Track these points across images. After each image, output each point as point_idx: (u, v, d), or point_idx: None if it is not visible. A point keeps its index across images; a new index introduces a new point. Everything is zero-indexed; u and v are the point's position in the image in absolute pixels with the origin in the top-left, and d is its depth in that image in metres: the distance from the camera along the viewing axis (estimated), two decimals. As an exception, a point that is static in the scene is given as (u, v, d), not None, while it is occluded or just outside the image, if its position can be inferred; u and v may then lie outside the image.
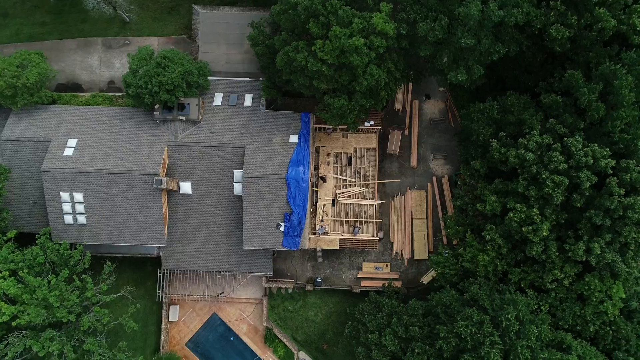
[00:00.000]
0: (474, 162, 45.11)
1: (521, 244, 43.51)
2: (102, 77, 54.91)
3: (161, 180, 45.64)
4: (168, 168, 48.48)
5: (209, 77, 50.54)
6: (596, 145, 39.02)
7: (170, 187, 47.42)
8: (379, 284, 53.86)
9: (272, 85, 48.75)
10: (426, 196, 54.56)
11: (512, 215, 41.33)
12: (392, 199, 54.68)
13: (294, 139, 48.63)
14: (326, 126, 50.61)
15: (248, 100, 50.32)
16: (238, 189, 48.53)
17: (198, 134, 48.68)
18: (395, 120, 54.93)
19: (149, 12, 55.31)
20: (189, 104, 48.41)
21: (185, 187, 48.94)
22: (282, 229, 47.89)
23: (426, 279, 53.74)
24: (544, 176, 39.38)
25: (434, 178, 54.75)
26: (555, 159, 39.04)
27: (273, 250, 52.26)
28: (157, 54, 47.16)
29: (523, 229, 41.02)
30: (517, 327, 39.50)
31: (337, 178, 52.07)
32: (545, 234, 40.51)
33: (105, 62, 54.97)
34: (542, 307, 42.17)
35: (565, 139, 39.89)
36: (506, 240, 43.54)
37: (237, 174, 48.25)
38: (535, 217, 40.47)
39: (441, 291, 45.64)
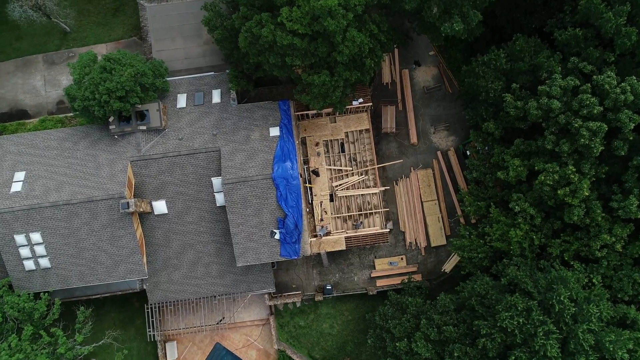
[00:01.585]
0: (486, 124, 37.70)
1: (556, 210, 36.16)
2: (49, 99, 47.09)
3: (128, 202, 37.94)
4: (135, 188, 40.81)
5: (168, 78, 43.06)
6: (634, 78, 31.72)
7: (142, 209, 39.77)
8: (396, 280, 46.43)
9: (240, 74, 41.22)
10: (433, 174, 47.21)
11: (542, 178, 33.97)
12: (396, 184, 47.30)
13: (274, 131, 41.10)
14: (309, 112, 43.13)
15: (216, 96, 42.74)
16: (220, 199, 40.95)
17: (164, 144, 41.04)
18: (386, 95, 47.51)
19: (91, 17, 47.56)
20: (147, 110, 40.72)
21: (159, 206, 41.28)
22: (277, 236, 40.35)
23: (449, 266, 46.37)
24: (576, 125, 32.05)
25: (439, 153, 47.40)
26: (588, 102, 31.72)
27: (272, 263, 44.72)
28: (101, 58, 39.48)
29: (558, 192, 33.68)
30: (573, 309, 32.16)
31: (331, 169, 44.62)
32: (585, 193, 33.18)
33: (50, 80, 47.16)
34: (594, 280, 34.81)
35: (594, 77, 32.59)
36: (538, 209, 36.20)
37: (216, 182, 40.66)
38: (572, 176, 33.12)
39: (471, 279, 38.21)
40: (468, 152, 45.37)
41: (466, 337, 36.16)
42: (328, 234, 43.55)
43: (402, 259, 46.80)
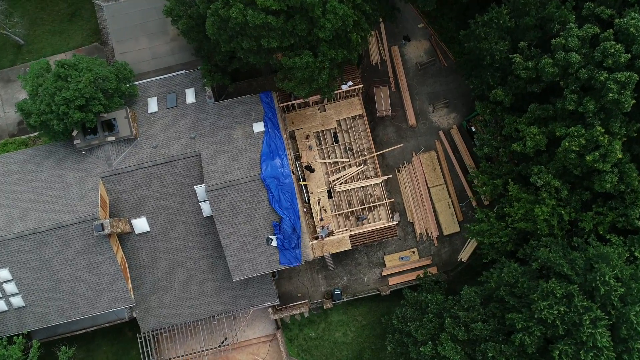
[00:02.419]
0: (493, 92, 32.94)
1: (583, 179, 31.58)
2: (8, 120, 42.13)
3: (103, 224, 33.02)
4: (111, 206, 35.91)
5: (136, 82, 38.25)
6: (662, 16, 27.25)
7: (120, 230, 34.91)
8: (410, 277, 41.74)
9: (213, 68, 36.38)
10: (437, 156, 42.53)
11: (566, 144, 29.30)
12: (399, 171, 42.60)
13: (258, 127, 36.30)
14: (295, 101, 38.31)
15: (190, 96, 37.88)
16: (206, 208, 36.11)
17: (138, 154, 36.15)
18: (377, 76, 42.72)
19: (45, 25, 42.64)
20: (115, 119, 35.80)
21: (140, 224, 36.40)
22: (274, 243, 35.55)
23: (465, 255, 41.68)
24: (601, 79, 27.41)
25: (441, 133, 42.73)
26: (612, 50, 27.07)
27: (273, 273, 39.99)
28: (54, 66, 34.56)
29: (586, 158, 29.04)
30: (621, 289, 27.55)
31: (325, 163, 39.86)
32: (618, 156, 28.58)
33: (8, 100, 42.18)
34: (636, 254, 30.18)
35: (615, 21, 27.96)
36: (563, 181, 31.63)
37: (200, 190, 35.81)
38: (601, 138, 28.48)
39: (496, 267, 33.49)
40: (473, 129, 40.71)
41: (498, 334, 31.49)
42: (330, 234, 38.81)
43: (413, 252, 42.11)
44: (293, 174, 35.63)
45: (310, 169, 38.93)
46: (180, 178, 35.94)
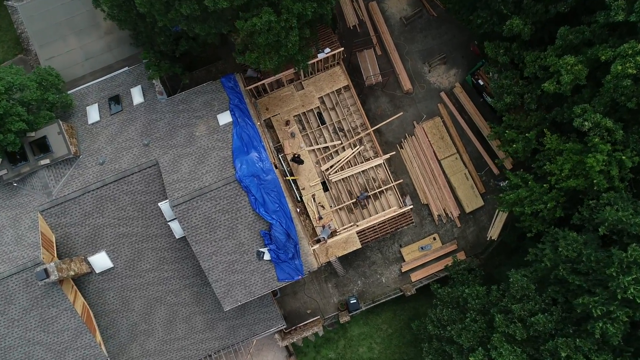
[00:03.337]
0: (508, 23, 25.39)
1: (638, 113, 24.42)
2: None
3: (46, 269, 25.35)
4: (58, 245, 28.28)
5: (70, 90, 30.71)
6: None
7: (74, 272, 27.31)
8: (436, 268, 34.41)
9: (158, 55, 28.85)
10: (443, 122, 35.22)
11: (618, 67, 21.97)
12: (401, 147, 35.26)
13: (225, 118, 28.77)
14: (265, 80, 30.71)
15: (137, 95, 30.30)
16: (177, 228, 28.55)
17: (82, 176, 28.51)
18: (357, 40, 35.41)
19: (-44, 43, 34.97)
20: (46, 137, 28.12)
21: (100, 260, 28.78)
22: (267, 256, 28.06)
23: (495, 231, 34.41)
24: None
25: (443, 94, 35.44)
26: None
27: (273, 292, 32.55)
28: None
29: (646, 81, 21.92)
30: None
31: (314, 150, 32.39)
32: (689, 72, 21.44)
33: None
34: None
35: None
36: (614, 119, 24.40)
37: (165, 207, 28.23)
38: (663, 51, 21.35)
39: (545, 241, 26.14)
40: (481, 82, 33.45)
41: (566, 325, 24.17)
42: (333, 233, 31.38)
43: (434, 239, 34.75)
44: (276, 168, 28.13)
45: (298, 160, 31.45)
46: (139, 196, 28.36)
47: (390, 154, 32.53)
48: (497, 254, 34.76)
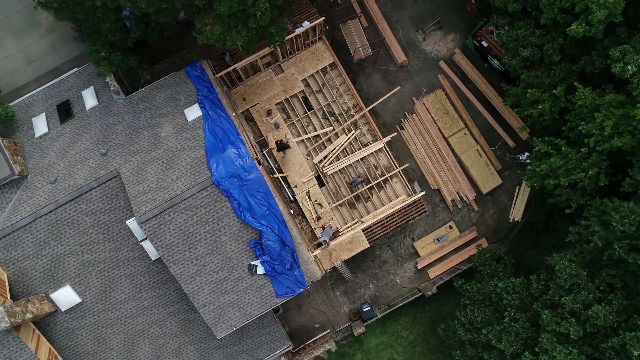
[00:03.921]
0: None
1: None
2: None
3: (-6, 315, 20.64)
4: (12, 284, 23.37)
5: (11, 102, 25.89)
6: None
7: (33, 314, 22.52)
8: (456, 260, 29.81)
9: (106, 47, 24.12)
10: (446, 95, 30.61)
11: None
12: (402, 128, 30.63)
13: (193, 112, 23.99)
14: (236, 65, 25.92)
15: (90, 98, 25.48)
16: (151, 249, 23.79)
17: (32, 199, 23.67)
18: (338, 12, 30.67)
19: None
20: (-18, 157, 23.41)
21: (65, 296, 23.95)
22: (260, 270, 23.35)
23: (518, 212, 29.88)
24: None
25: (442, 63, 30.83)
26: None
27: (274, 308, 27.81)
28: None
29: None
30: None
31: (303, 141, 27.66)
32: None
33: None
34: None
35: None
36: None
37: (134, 225, 23.44)
38: None
39: (589, 215, 21.58)
40: (485, 44, 28.89)
41: (631, 315, 19.59)
42: (336, 234, 26.67)
43: (450, 227, 30.13)
44: (259, 164, 23.38)
45: (284, 146, 26.66)
46: (101, 215, 23.55)
47: (391, 135, 27.84)
48: (523, 237, 30.20)
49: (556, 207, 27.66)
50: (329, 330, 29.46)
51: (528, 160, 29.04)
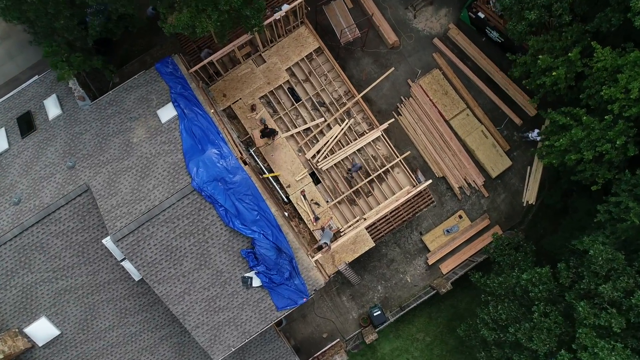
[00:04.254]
0: None
1: None
2: None
3: (-43, 360, 17.97)
4: (-22, 321, 20.84)
5: (-32, 119, 23.21)
6: None
7: (6, 353, 19.87)
8: (470, 251, 27.30)
9: (65, 47, 21.46)
10: (443, 74, 28.06)
11: None
12: (399, 114, 28.08)
13: (167, 112, 21.31)
14: (212, 57, 23.29)
15: (53, 107, 22.76)
16: (132, 269, 21.14)
17: (-6, 223, 21.08)
18: (320, -5, 28.16)
19: None
20: None
21: (41, 329, 21.26)
22: (256, 282, 20.73)
23: (531, 194, 27.41)
24: None
25: (436, 41, 28.24)
26: None
27: (279, 321, 25.19)
28: None
29: None
30: None
31: (293, 136, 25.05)
32: None
33: None
34: None
35: None
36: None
37: (111, 244, 20.74)
38: None
39: (619, 189, 19.11)
40: (481, 15, 26.40)
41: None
42: (337, 235, 24.08)
43: (460, 217, 27.56)
44: (245, 164, 20.76)
45: (269, 131, 23.95)
46: (73, 236, 20.88)
47: (389, 122, 25.26)
48: (540, 221, 27.72)
49: (574, 185, 25.23)
50: (338, 340, 26.87)
51: (539, 138, 26.57)
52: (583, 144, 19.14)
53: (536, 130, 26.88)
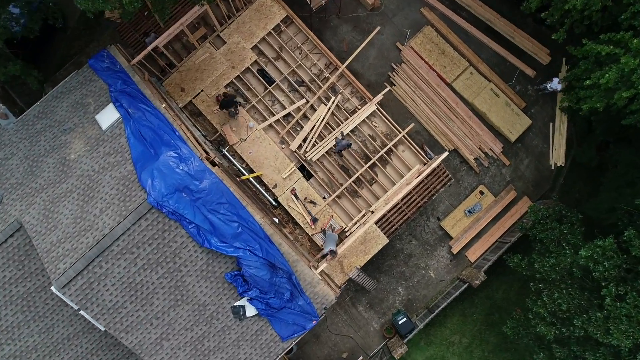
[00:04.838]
0: None
1: None
2: None
3: None
4: None
5: None
6: None
7: None
8: (499, 231, 22.92)
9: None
10: (436, 30, 23.71)
11: None
12: (393, 84, 23.63)
13: (108, 116, 16.71)
14: (156, 42, 18.79)
15: (-30, 132, 18.30)
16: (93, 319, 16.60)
17: None
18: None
19: None
20: None
21: (-9, 410, 16.78)
22: (251, 311, 16.27)
23: (559, 154, 23.10)
24: None
25: (423, -6, 23.96)
26: None
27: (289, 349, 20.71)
28: None
29: None
30: None
31: (272, 125, 20.58)
32: None
33: None
34: None
35: None
36: None
37: (58, 292, 16.24)
38: None
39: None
40: (471, -48, 22.01)
41: None
42: (341, 237, 19.61)
43: (481, 193, 23.17)
44: (214, 165, 16.24)
45: (229, 99, 19.28)
46: (13, 288, 16.28)
47: (383, 91, 20.83)
48: (574, 184, 23.42)
49: (610, 135, 21.03)
50: (361, 358, 22.42)
51: (560, 87, 22.27)
52: (636, 75, 14.78)
53: (555, 79, 22.55)
